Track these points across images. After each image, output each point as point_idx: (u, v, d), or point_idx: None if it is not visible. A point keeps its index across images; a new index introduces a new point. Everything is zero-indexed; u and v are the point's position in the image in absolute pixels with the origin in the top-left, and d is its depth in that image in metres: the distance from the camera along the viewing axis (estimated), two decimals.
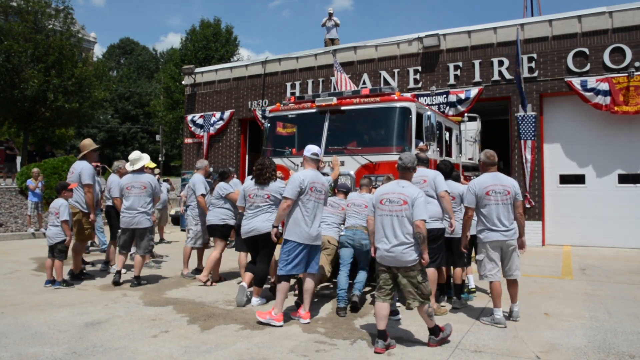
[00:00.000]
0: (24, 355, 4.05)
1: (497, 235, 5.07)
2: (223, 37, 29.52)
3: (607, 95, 10.89)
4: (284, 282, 5.08)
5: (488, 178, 5.20)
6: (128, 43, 53.24)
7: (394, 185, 4.56)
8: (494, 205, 5.07)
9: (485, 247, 5.16)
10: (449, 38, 13.00)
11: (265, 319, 4.95)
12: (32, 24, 19.11)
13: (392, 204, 4.39)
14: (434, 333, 4.37)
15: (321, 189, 5.24)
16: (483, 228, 5.17)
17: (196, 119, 16.92)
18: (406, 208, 4.32)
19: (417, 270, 4.31)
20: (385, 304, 4.34)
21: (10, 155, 17.95)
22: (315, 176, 5.24)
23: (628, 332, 4.80)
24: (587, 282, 7.32)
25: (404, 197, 4.36)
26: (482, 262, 5.18)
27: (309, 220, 5.10)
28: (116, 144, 42.61)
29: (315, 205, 5.17)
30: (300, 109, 7.86)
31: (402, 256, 4.27)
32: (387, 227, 4.36)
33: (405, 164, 4.59)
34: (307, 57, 15.13)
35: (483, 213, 5.15)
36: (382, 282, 4.41)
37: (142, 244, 6.88)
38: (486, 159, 5.30)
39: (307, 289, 5.21)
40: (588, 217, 11.40)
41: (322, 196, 5.26)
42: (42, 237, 11.26)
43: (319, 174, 5.36)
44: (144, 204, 6.85)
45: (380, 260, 4.42)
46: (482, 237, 5.18)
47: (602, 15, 11.33)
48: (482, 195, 5.12)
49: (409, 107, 7.10)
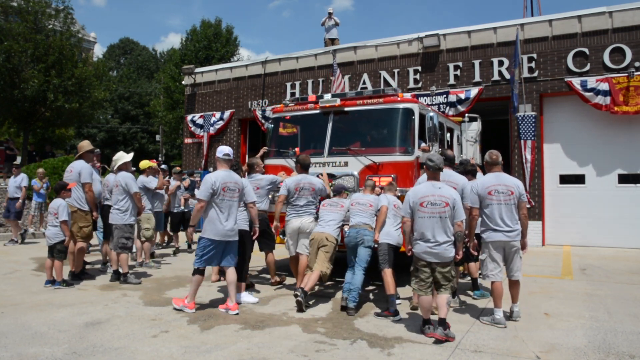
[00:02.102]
0: (24, 355, 4.05)
1: (499, 235, 5.08)
2: (223, 37, 29.50)
3: (607, 95, 10.89)
4: (197, 275, 5.50)
5: (491, 178, 5.23)
6: (128, 43, 53.20)
7: (429, 187, 4.80)
8: (496, 205, 5.09)
9: (487, 247, 5.18)
10: (449, 38, 13.00)
11: (179, 305, 5.46)
12: (32, 24, 19.10)
13: (434, 206, 4.67)
14: (443, 325, 4.50)
15: (234, 188, 5.56)
16: (486, 228, 5.18)
17: (196, 119, 16.92)
18: (448, 210, 4.66)
19: (452, 265, 4.75)
20: (428, 297, 4.68)
21: (10, 155, 17.96)
22: (228, 176, 5.56)
23: (628, 332, 4.81)
24: (587, 282, 7.32)
25: (445, 199, 4.67)
26: (484, 262, 5.22)
27: (223, 218, 5.45)
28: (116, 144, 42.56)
29: (230, 204, 5.52)
30: (303, 109, 7.87)
31: (445, 252, 4.64)
32: (431, 228, 4.65)
33: (438, 165, 4.84)
34: (307, 57, 15.13)
35: (486, 213, 5.16)
36: (425, 277, 4.70)
37: (114, 240, 7.04)
38: (489, 158, 5.35)
39: (230, 281, 5.54)
40: (588, 217, 11.40)
41: (236, 194, 5.59)
42: (42, 237, 11.26)
43: (232, 174, 5.65)
44: (117, 201, 7.08)
45: (422, 258, 4.70)
46: (484, 237, 5.20)
47: (602, 15, 11.33)
48: (484, 194, 5.14)
49: (411, 108, 7.13)
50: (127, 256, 7.11)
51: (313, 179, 6.56)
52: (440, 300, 4.65)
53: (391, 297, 5.47)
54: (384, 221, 5.79)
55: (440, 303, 4.64)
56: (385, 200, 5.89)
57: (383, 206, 5.80)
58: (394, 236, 5.80)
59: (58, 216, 6.64)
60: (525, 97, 11.78)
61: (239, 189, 5.64)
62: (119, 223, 7.01)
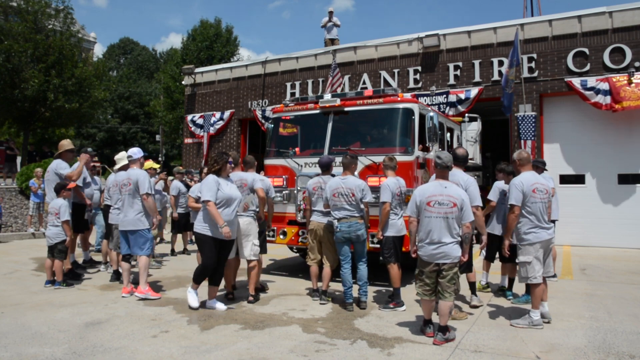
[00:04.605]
0: (24, 355, 4.05)
1: (545, 234, 5.03)
2: (224, 38, 29.51)
3: (607, 94, 10.86)
4: (123, 262, 6.38)
5: (532, 176, 5.19)
6: (128, 43, 53.18)
7: (437, 186, 4.67)
8: (539, 204, 5.03)
9: (534, 248, 5.00)
10: (449, 38, 13.00)
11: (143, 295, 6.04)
12: (32, 24, 19.08)
13: (441, 206, 4.54)
14: (443, 331, 4.47)
15: (126, 183, 6.22)
16: (532, 227, 5.02)
17: (196, 119, 16.91)
18: (456, 210, 4.52)
19: (457, 267, 4.60)
20: (432, 301, 4.65)
21: (10, 156, 17.92)
22: (126, 173, 6.36)
23: (628, 332, 4.80)
24: (587, 282, 7.32)
25: (453, 200, 4.54)
26: (531, 264, 4.97)
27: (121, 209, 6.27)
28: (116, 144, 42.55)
29: (124, 197, 6.23)
30: (303, 109, 7.87)
31: (451, 252, 4.51)
32: (438, 228, 4.52)
33: (446, 163, 4.72)
34: (307, 57, 15.13)
35: (529, 211, 5.03)
36: (430, 281, 4.60)
37: (114, 240, 7.06)
38: (528, 156, 5.34)
39: (140, 267, 6.16)
40: (588, 217, 11.39)
41: (128, 188, 6.20)
42: (42, 237, 11.26)
43: (129, 171, 6.33)
44: (117, 201, 6.96)
45: (429, 259, 4.56)
46: (531, 238, 5.01)
47: (602, 15, 11.33)
48: (529, 192, 5.04)
49: (412, 108, 7.12)
50: None
51: (245, 174, 6.26)
52: (443, 307, 4.51)
53: (396, 289, 5.65)
54: (387, 221, 5.71)
55: (443, 311, 4.50)
56: (389, 194, 5.63)
57: (386, 204, 5.64)
58: (397, 226, 5.73)
59: (59, 216, 6.64)
60: (525, 97, 11.77)
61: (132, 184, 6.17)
62: (119, 223, 6.99)
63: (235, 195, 5.62)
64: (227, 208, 5.51)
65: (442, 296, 4.55)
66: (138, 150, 6.62)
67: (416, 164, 6.96)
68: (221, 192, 5.47)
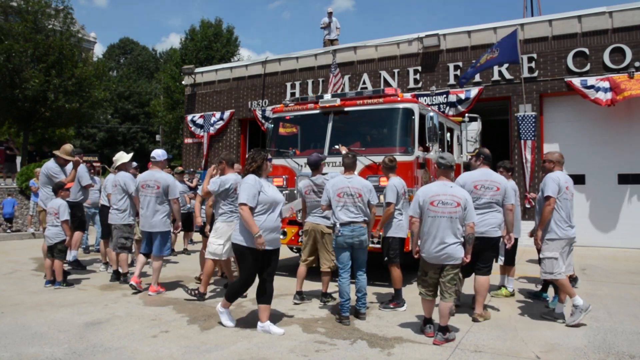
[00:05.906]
0: (24, 355, 4.05)
1: (572, 232, 5.17)
2: (224, 38, 29.50)
3: (607, 91, 10.81)
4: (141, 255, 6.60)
5: (565, 175, 5.33)
6: (128, 43, 53.12)
7: (441, 185, 4.66)
8: (569, 202, 5.19)
9: (561, 245, 5.13)
10: (449, 38, 13.00)
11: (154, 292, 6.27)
12: (32, 24, 19.07)
13: (445, 205, 4.52)
14: (443, 331, 4.47)
15: (153, 185, 6.27)
16: (561, 225, 5.14)
17: (196, 119, 16.91)
18: (459, 210, 4.50)
19: (459, 268, 4.60)
20: (434, 300, 4.67)
21: (10, 156, 17.91)
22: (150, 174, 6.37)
23: (628, 332, 4.80)
24: (587, 282, 7.31)
25: (456, 199, 4.52)
26: (557, 261, 5.09)
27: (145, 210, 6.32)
28: (116, 144, 42.55)
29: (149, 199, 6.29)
30: (303, 109, 7.87)
31: (455, 252, 4.50)
32: (442, 228, 4.50)
33: (450, 163, 4.74)
34: (307, 57, 15.14)
35: (560, 206, 5.15)
36: (432, 282, 4.61)
37: (113, 240, 7.08)
38: (560, 158, 5.52)
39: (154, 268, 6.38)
40: (588, 217, 11.39)
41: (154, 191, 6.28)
42: (42, 237, 11.25)
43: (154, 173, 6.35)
44: (115, 202, 7.09)
45: (433, 260, 4.55)
46: (561, 235, 5.13)
47: (602, 15, 11.33)
48: (563, 189, 5.16)
49: (412, 108, 7.13)
50: (126, 256, 7.11)
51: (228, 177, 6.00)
52: (443, 308, 4.50)
53: (398, 291, 5.63)
54: (389, 221, 5.70)
55: (443, 312, 4.50)
56: (394, 195, 5.59)
57: (391, 205, 5.61)
58: (404, 227, 5.70)
59: (59, 216, 6.64)
60: (525, 97, 11.78)
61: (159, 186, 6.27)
62: (118, 223, 7.00)
63: (279, 198, 4.87)
64: (273, 213, 4.74)
65: (442, 297, 4.55)
66: (163, 152, 6.59)
67: (416, 164, 6.96)
68: (264, 195, 4.69)
